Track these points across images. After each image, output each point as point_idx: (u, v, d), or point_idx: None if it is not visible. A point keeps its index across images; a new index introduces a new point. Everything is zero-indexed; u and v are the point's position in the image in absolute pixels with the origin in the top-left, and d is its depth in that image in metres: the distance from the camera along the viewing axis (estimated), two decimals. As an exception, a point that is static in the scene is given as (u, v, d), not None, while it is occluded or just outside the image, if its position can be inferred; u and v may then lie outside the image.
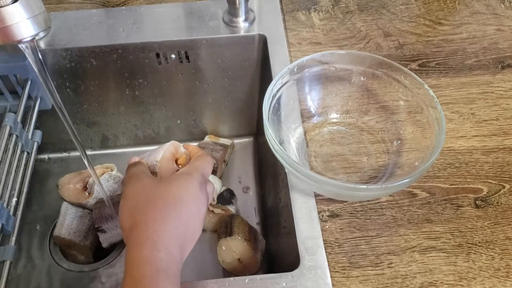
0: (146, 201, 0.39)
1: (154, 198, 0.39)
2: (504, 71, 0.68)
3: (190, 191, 0.41)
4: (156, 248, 0.36)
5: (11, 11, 0.46)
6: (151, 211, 0.38)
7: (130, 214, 0.38)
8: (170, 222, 0.38)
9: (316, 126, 0.62)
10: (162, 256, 0.36)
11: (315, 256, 0.49)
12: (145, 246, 0.36)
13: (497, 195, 0.55)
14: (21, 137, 0.62)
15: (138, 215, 0.38)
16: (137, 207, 0.39)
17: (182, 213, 0.40)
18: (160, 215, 0.38)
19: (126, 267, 0.36)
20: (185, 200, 0.41)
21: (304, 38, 0.72)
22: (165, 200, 0.39)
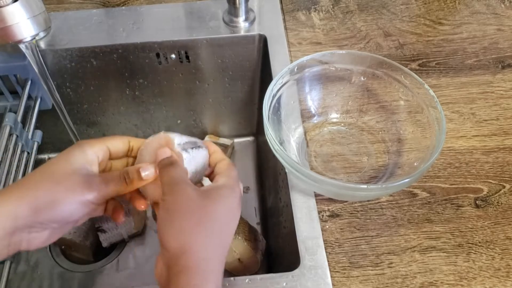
0: (195, 223, 0.36)
1: (203, 220, 0.37)
2: (504, 71, 0.68)
3: (233, 210, 0.40)
4: (205, 278, 0.35)
5: (12, 11, 0.46)
6: (201, 236, 0.36)
7: (178, 236, 0.36)
8: (218, 249, 0.37)
9: (316, 126, 0.62)
10: (211, 286, 0.35)
11: (315, 256, 0.49)
12: (195, 275, 0.35)
13: (497, 195, 0.55)
14: (21, 137, 0.62)
15: (187, 239, 0.36)
16: (185, 229, 0.36)
17: (228, 237, 0.39)
18: (210, 242, 0.37)
19: None
20: (229, 222, 0.39)
21: (304, 38, 0.72)
22: (213, 223, 0.37)
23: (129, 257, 0.74)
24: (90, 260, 0.73)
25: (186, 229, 0.36)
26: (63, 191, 0.37)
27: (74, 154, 0.39)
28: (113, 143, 0.42)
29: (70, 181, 0.37)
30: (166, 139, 0.42)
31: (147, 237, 0.76)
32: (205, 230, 0.36)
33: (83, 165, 0.39)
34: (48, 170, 0.38)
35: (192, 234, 0.36)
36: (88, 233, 0.71)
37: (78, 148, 0.39)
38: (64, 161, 0.39)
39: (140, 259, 0.74)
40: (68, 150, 0.39)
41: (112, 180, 0.40)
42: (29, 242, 0.38)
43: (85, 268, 0.73)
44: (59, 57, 0.70)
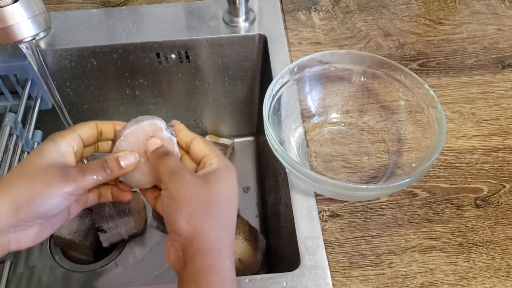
0: (203, 207, 0.37)
1: (210, 202, 0.38)
2: (504, 70, 0.68)
3: (233, 188, 0.41)
4: (220, 256, 0.36)
5: (12, 11, 0.46)
6: (209, 218, 0.37)
7: (188, 222, 0.37)
8: (227, 229, 0.39)
9: (316, 126, 0.62)
10: (227, 264, 0.37)
11: (316, 256, 0.49)
12: (209, 255, 0.36)
13: (497, 195, 0.55)
14: (22, 137, 0.62)
15: (198, 223, 0.37)
16: (194, 214, 0.37)
17: (233, 216, 0.40)
18: (218, 223, 0.38)
19: (189, 275, 0.36)
20: (232, 201, 0.40)
21: (305, 38, 0.72)
22: (220, 204, 0.38)
23: (129, 257, 0.74)
24: (90, 260, 0.73)
25: (195, 214, 0.37)
26: (39, 186, 0.37)
27: (46, 148, 0.39)
28: (82, 130, 0.41)
29: (46, 175, 0.37)
30: (153, 127, 0.41)
31: (147, 237, 0.77)
32: (212, 213, 0.38)
33: (58, 158, 0.39)
34: (23, 168, 0.38)
35: (201, 217, 0.37)
36: (88, 233, 0.71)
37: (50, 142, 0.39)
38: (38, 156, 0.38)
39: (140, 259, 0.74)
40: (41, 145, 0.39)
41: (89, 169, 0.39)
42: (17, 241, 0.38)
43: (85, 268, 0.73)
44: (59, 57, 0.70)
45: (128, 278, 0.72)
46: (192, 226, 0.37)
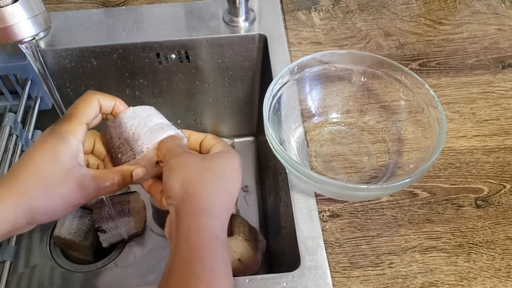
0: (198, 174, 0.40)
1: (205, 171, 0.40)
2: (504, 70, 0.68)
3: (234, 166, 0.43)
4: (212, 218, 0.38)
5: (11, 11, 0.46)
6: (204, 184, 0.39)
7: (182, 185, 0.39)
8: (221, 195, 0.40)
9: (316, 126, 0.62)
10: (217, 225, 0.38)
11: (316, 256, 0.49)
12: (201, 215, 0.38)
13: (497, 195, 0.55)
14: (21, 137, 0.62)
15: (191, 187, 0.39)
16: (189, 179, 0.39)
17: (231, 187, 0.42)
18: (213, 188, 0.40)
19: (181, 234, 0.37)
20: (231, 175, 0.42)
21: (305, 38, 0.72)
22: (215, 173, 0.40)
23: (129, 257, 0.74)
24: (90, 260, 0.73)
25: (190, 178, 0.39)
26: (59, 200, 0.38)
27: (60, 149, 0.38)
28: (87, 115, 0.41)
29: (65, 188, 0.38)
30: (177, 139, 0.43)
31: (147, 237, 0.76)
32: (207, 179, 0.40)
33: (74, 162, 0.39)
34: (39, 173, 0.38)
35: (196, 182, 0.39)
36: (88, 233, 0.71)
37: (62, 142, 0.39)
38: (53, 161, 0.38)
39: (140, 259, 0.74)
40: (53, 144, 0.38)
41: (105, 184, 0.41)
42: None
43: (85, 268, 0.73)
44: (59, 57, 0.70)
45: (128, 278, 0.72)
46: (184, 189, 0.39)
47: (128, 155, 0.42)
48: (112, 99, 0.43)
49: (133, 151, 0.42)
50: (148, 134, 0.42)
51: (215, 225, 0.38)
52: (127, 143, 0.42)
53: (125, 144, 0.42)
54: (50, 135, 0.39)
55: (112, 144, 0.42)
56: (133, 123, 0.42)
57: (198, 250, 0.36)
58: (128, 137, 0.42)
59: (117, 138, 0.42)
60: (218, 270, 0.36)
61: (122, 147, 0.42)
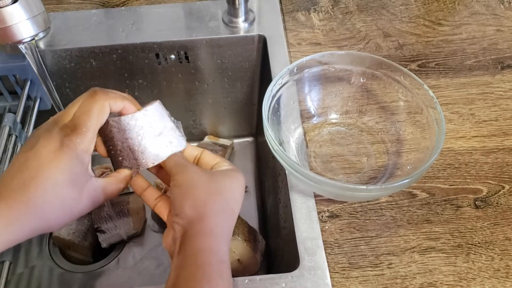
0: (207, 193, 0.40)
1: (214, 190, 0.40)
2: (503, 71, 0.68)
3: (240, 186, 0.43)
4: (218, 240, 0.39)
5: (11, 12, 0.46)
6: (212, 204, 0.40)
7: (193, 205, 0.39)
8: (227, 218, 0.41)
9: (315, 126, 0.62)
10: (224, 248, 0.39)
11: (315, 257, 0.49)
12: (208, 237, 0.38)
13: (496, 196, 0.55)
14: (21, 138, 0.62)
15: (201, 207, 0.39)
16: (199, 199, 0.39)
17: (235, 206, 0.42)
18: (220, 209, 0.40)
19: (188, 255, 0.37)
20: (236, 196, 0.42)
21: (304, 39, 0.72)
22: (222, 193, 0.41)
23: (128, 257, 0.74)
24: (89, 260, 0.73)
25: (200, 199, 0.39)
26: (74, 216, 0.39)
27: (77, 172, 0.37)
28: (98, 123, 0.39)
29: (81, 205, 0.39)
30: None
31: (146, 238, 0.76)
32: (215, 200, 0.40)
33: (87, 178, 0.39)
34: (58, 197, 0.36)
35: (205, 202, 0.39)
36: (87, 233, 0.71)
37: (78, 164, 0.37)
38: (70, 184, 0.37)
39: (139, 260, 0.74)
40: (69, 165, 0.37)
41: (113, 193, 0.42)
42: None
43: (84, 269, 0.72)
44: (59, 58, 0.70)
45: (127, 279, 0.72)
46: (195, 210, 0.39)
47: (131, 163, 0.42)
48: (122, 100, 0.40)
49: (137, 162, 0.42)
50: (155, 149, 0.42)
51: (221, 248, 0.38)
52: (131, 151, 0.41)
53: (128, 151, 0.41)
54: (64, 153, 0.36)
55: (112, 144, 0.42)
56: (139, 132, 0.41)
57: (205, 270, 0.36)
58: (133, 146, 0.41)
59: (119, 142, 0.41)
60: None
61: (124, 152, 0.41)
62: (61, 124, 0.38)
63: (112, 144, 0.42)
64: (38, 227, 0.36)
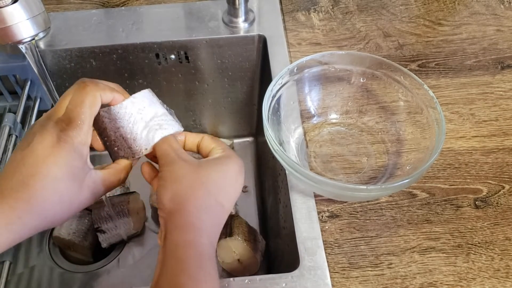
0: (188, 188, 0.39)
1: (197, 185, 0.39)
2: (503, 71, 0.68)
3: (232, 175, 0.41)
4: (199, 234, 0.38)
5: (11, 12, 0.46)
6: (194, 199, 0.38)
7: (171, 198, 0.38)
8: (211, 210, 0.39)
9: (315, 126, 0.62)
10: (204, 241, 0.38)
11: (315, 257, 0.49)
12: (188, 231, 0.37)
13: (496, 196, 0.55)
14: (21, 138, 0.62)
15: (181, 201, 0.38)
16: (178, 193, 0.38)
17: (223, 200, 0.40)
18: (203, 203, 0.39)
19: (168, 249, 0.37)
20: (225, 186, 0.41)
21: (304, 39, 0.72)
22: (207, 187, 0.39)
23: (128, 257, 0.74)
24: (89, 260, 0.73)
25: (179, 192, 0.38)
26: (74, 210, 0.38)
27: (76, 165, 0.37)
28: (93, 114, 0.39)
29: (81, 197, 0.38)
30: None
31: (146, 238, 0.76)
32: (197, 194, 0.39)
33: (86, 171, 0.38)
34: (58, 193, 0.36)
35: (185, 197, 0.38)
36: (87, 233, 0.71)
37: (77, 157, 0.37)
38: (70, 178, 0.37)
39: (139, 260, 0.74)
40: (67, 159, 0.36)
41: (113, 184, 0.41)
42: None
43: (84, 269, 0.72)
44: (59, 58, 0.70)
45: (127, 279, 0.72)
46: (174, 203, 0.38)
47: (126, 152, 0.42)
48: (111, 92, 0.40)
49: (131, 150, 0.41)
50: (146, 134, 0.41)
51: (202, 241, 0.37)
52: (124, 140, 0.41)
53: (121, 140, 0.41)
54: (61, 147, 0.36)
55: (106, 135, 0.41)
56: (130, 120, 0.41)
57: (184, 265, 0.36)
58: (125, 134, 0.41)
59: (112, 132, 0.41)
60: (205, 283, 0.36)
61: (118, 142, 0.41)
62: (55, 118, 0.38)
63: (106, 135, 0.42)
64: (40, 224, 0.36)
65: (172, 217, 0.38)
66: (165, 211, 0.38)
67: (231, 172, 0.41)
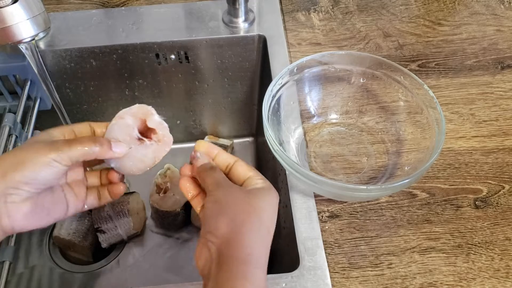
0: (243, 212, 0.38)
1: (250, 210, 0.39)
2: (503, 71, 0.68)
3: (275, 206, 0.41)
4: (256, 266, 0.37)
5: (11, 12, 0.46)
6: (249, 224, 0.38)
7: (228, 222, 0.38)
8: (264, 239, 0.39)
9: (315, 126, 0.62)
10: (260, 274, 0.37)
11: (315, 257, 0.49)
12: (246, 263, 0.37)
13: (496, 196, 0.55)
14: (21, 138, 0.62)
15: (237, 225, 0.38)
16: (234, 216, 0.38)
17: (270, 227, 0.40)
18: (257, 230, 0.38)
19: (226, 280, 0.36)
20: (272, 216, 0.41)
21: (304, 39, 0.72)
22: (259, 214, 0.39)
23: (128, 257, 0.74)
24: (89, 260, 0.73)
25: (236, 217, 0.38)
26: (26, 153, 0.38)
27: (39, 135, 0.41)
28: (76, 127, 0.43)
29: (34, 146, 0.39)
30: (143, 110, 0.43)
31: (146, 238, 0.76)
32: (251, 219, 0.38)
33: (49, 139, 0.40)
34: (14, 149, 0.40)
35: (241, 221, 0.38)
36: (87, 233, 0.71)
37: (43, 132, 0.41)
38: (30, 140, 0.41)
39: (139, 260, 0.74)
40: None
41: (77, 140, 0.40)
42: (9, 215, 0.38)
43: (84, 269, 0.72)
44: (59, 58, 0.70)
45: (127, 279, 0.72)
46: (231, 228, 0.37)
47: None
48: (103, 123, 0.45)
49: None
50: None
51: (258, 274, 0.37)
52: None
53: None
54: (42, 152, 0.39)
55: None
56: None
57: None
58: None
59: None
60: None
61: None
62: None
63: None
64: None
65: (228, 244, 0.37)
66: (221, 237, 0.37)
67: (275, 201, 0.41)
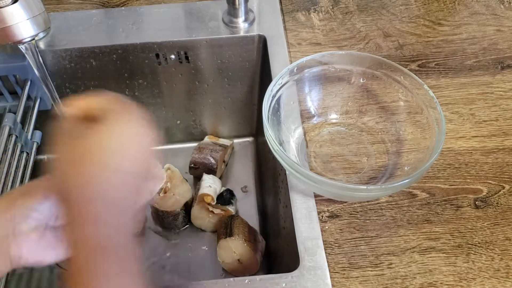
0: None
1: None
2: (503, 71, 0.68)
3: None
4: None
5: (11, 12, 0.46)
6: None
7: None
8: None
9: (315, 126, 0.62)
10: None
11: (315, 257, 0.49)
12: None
13: (496, 196, 0.55)
14: (21, 138, 0.62)
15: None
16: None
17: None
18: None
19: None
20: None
21: (304, 39, 0.72)
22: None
23: (128, 257, 0.74)
24: (89, 260, 0.73)
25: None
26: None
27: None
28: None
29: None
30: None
31: (146, 238, 0.76)
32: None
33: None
34: None
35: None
36: (88, 233, 0.71)
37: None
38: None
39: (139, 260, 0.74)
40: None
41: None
42: (18, 245, 0.35)
43: (84, 269, 0.72)
44: (59, 58, 0.70)
45: (127, 279, 0.72)
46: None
47: None
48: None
49: None
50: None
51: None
52: None
53: None
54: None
55: None
56: None
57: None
58: None
59: None
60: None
61: None
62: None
63: None
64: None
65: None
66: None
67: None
